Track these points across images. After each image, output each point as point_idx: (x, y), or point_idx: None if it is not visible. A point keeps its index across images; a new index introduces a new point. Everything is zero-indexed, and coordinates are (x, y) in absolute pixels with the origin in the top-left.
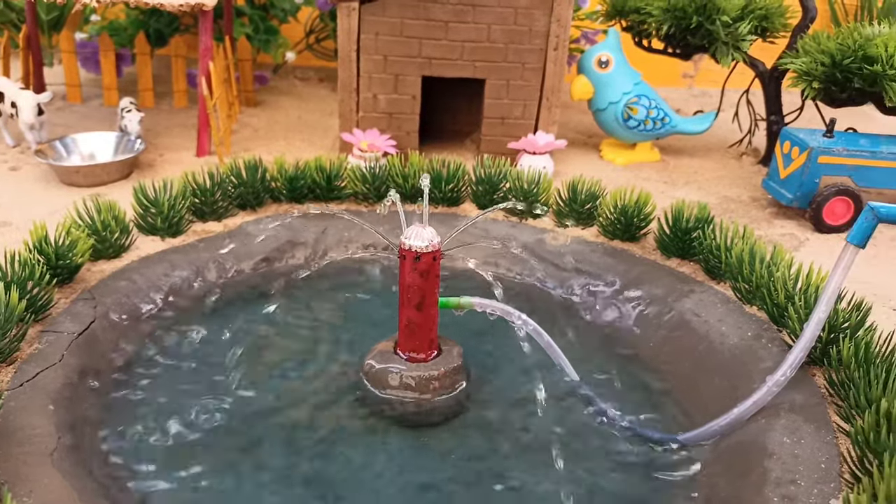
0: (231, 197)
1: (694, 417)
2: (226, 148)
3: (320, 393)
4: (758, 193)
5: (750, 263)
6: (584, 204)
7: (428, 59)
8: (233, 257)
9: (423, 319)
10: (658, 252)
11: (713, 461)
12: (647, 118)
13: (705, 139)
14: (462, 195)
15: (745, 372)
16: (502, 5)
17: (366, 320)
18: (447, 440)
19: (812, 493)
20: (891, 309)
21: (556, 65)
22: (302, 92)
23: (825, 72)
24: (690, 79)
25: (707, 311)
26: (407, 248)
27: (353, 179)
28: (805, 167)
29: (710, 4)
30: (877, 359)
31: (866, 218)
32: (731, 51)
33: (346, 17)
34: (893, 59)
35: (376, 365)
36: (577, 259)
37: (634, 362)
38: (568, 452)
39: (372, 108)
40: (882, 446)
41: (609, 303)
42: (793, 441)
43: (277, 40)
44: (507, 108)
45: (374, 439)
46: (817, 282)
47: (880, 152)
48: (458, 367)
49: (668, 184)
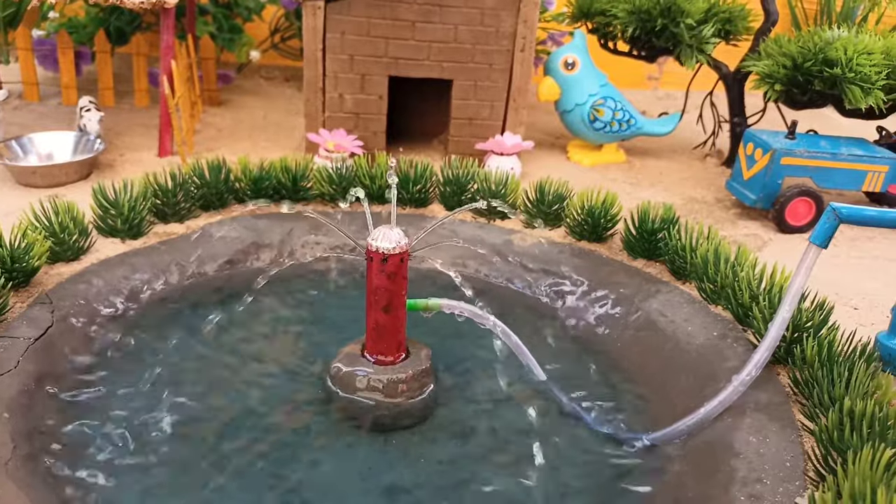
0: (194, 198)
1: (662, 417)
2: (188, 148)
3: (286, 397)
4: (722, 194)
5: (715, 264)
6: (551, 205)
7: (395, 59)
8: (196, 259)
9: (390, 322)
10: (624, 253)
11: (681, 461)
12: (613, 120)
13: (670, 141)
14: (430, 196)
15: (711, 371)
16: (469, 6)
17: (333, 323)
18: (416, 443)
19: (778, 492)
20: (852, 308)
21: (523, 66)
22: (267, 91)
23: (787, 74)
24: (655, 81)
25: (673, 311)
26: (374, 250)
27: (319, 180)
28: (768, 168)
29: (675, 7)
30: (839, 357)
31: (828, 219)
32: (695, 53)
33: (312, 16)
34: (852, 63)
35: (343, 368)
36: (544, 260)
37: (602, 362)
38: (535, 454)
39: (338, 108)
40: (846, 444)
41: (576, 303)
42: (758, 440)
43: (241, 39)
44: (474, 109)
45: (341, 443)
46: (781, 281)
47: (840, 154)
48: (427, 369)
49: (633, 185)
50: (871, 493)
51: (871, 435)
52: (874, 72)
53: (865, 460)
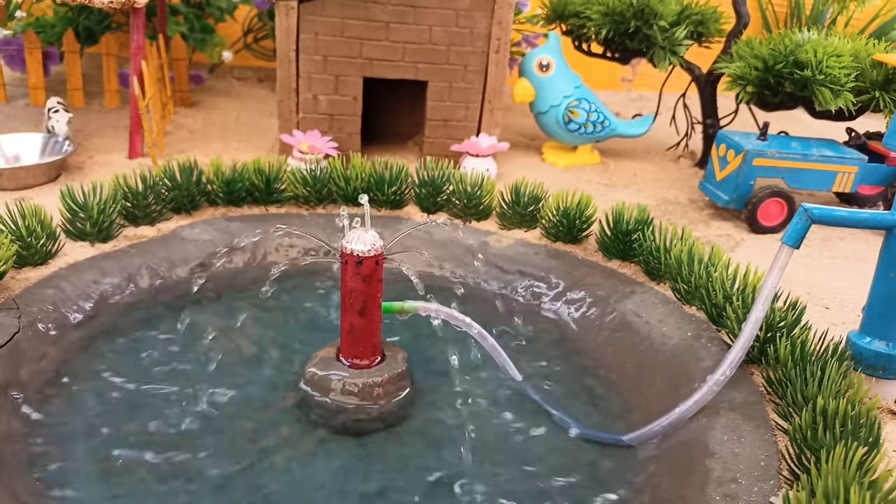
0: (165, 200)
1: (637, 417)
2: (159, 150)
3: (259, 401)
4: (695, 195)
5: (689, 264)
6: (526, 206)
7: (369, 59)
8: (167, 263)
9: (365, 325)
10: (600, 254)
11: (657, 461)
12: (588, 121)
13: (644, 142)
14: (405, 198)
15: (685, 371)
16: (443, 7)
17: (307, 326)
18: (391, 447)
19: (752, 492)
20: (824, 307)
21: (497, 67)
22: (240, 92)
23: (758, 76)
24: (629, 83)
25: (648, 311)
26: (349, 253)
27: (293, 182)
28: (740, 169)
29: (648, 9)
30: (812, 357)
31: (800, 219)
32: (668, 55)
33: (285, 17)
34: (822, 65)
35: (318, 372)
36: (520, 261)
37: (578, 363)
38: (513, 456)
39: (312, 110)
40: (819, 443)
41: (552, 305)
42: (733, 439)
43: (214, 39)
44: (449, 111)
45: (316, 448)
46: (754, 282)
47: (811, 155)
48: (403, 372)
49: (608, 186)
50: (845, 491)
51: (843, 433)
52: (843, 74)
53: (838, 459)
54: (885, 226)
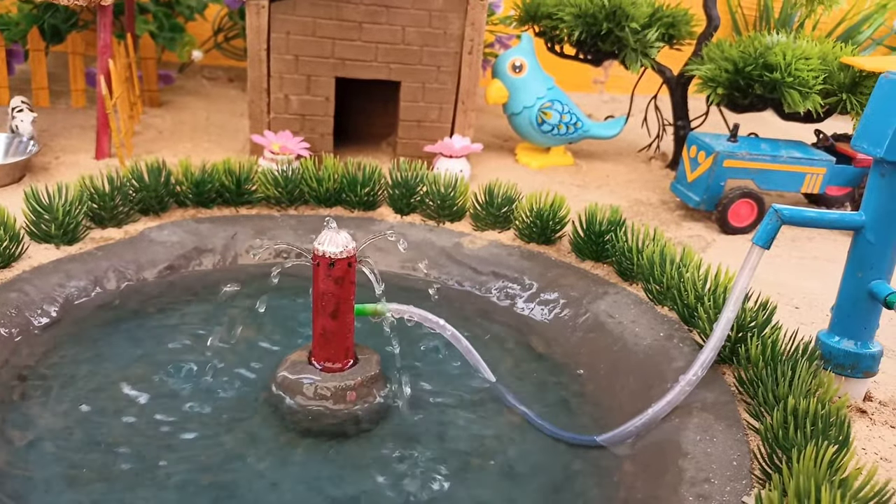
0: (132, 202)
1: (611, 418)
2: (127, 150)
3: (229, 406)
4: (666, 196)
5: (661, 265)
6: (500, 207)
7: (341, 59)
8: (134, 265)
9: (338, 327)
10: (573, 255)
11: (630, 462)
12: (561, 122)
13: (616, 144)
14: (378, 199)
15: (658, 372)
16: (416, 7)
17: (279, 328)
18: (365, 451)
19: (725, 491)
20: (793, 307)
21: (471, 68)
22: (210, 92)
23: (728, 78)
24: (601, 85)
25: (621, 312)
26: (321, 255)
27: (264, 183)
28: (711, 171)
29: (620, 11)
30: (783, 356)
31: (770, 220)
32: (640, 57)
33: (256, 16)
34: (791, 67)
35: (290, 376)
36: (494, 262)
37: (551, 364)
38: (487, 458)
39: (284, 110)
40: (790, 443)
41: (526, 305)
42: (705, 440)
43: (183, 38)
44: (422, 111)
45: (287, 453)
46: (725, 282)
47: (780, 156)
48: (376, 375)
49: (581, 187)
50: (816, 490)
51: (814, 433)
52: (811, 76)
53: (809, 458)
54: (853, 226)
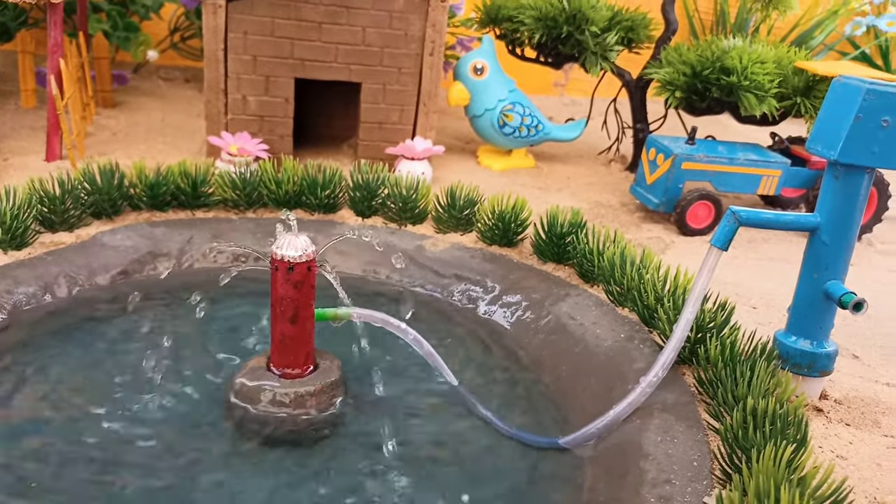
0: (84, 205)
1: (574, 420)
2: (79, 152)
3: (185, 414)
4: (626, 198)
5: (621, 267)
6: (462, 210)
7: (300, 60)
8: (86, 271)
9: (297, 333)
10: (535, 257)
11: (592, 464)
12: (522, 125)
13: (576, 146)
14: (339, 201)
15: (619, 373)
16: (377, 8)
17: (237, 333)
18: (325, 458)
19: (686, 492)
20: (751, 307)
21: (432, 70)
22: (166, 93)
23: (686, 82)
24: (561, 87)
25: (582, 314)
26: (279, 259)
27: (221, 185)
28: (669, 173)
29: (580, 15)
30: (741, 357)
31: (728, 221)
32: (600, 60)
33: (212, 15)
34: (747, 71)
35: (248, 383)
36: (456, 265)
37: (514, 366)
38: (450, 462)
39: (242, 111)
40: (750, 443)
41: (488, 308)
42: (666, 440)
43: (138, 38)
44: (384, 113)
45: (245, 461)
46: (684, 283)
47: (737, 159)
48: (337, 381)
49: (542, 189)
50: (775, 490)
51: (772, 432)
52: (767, 80)
53: (768, 458)
54: (808, 228)
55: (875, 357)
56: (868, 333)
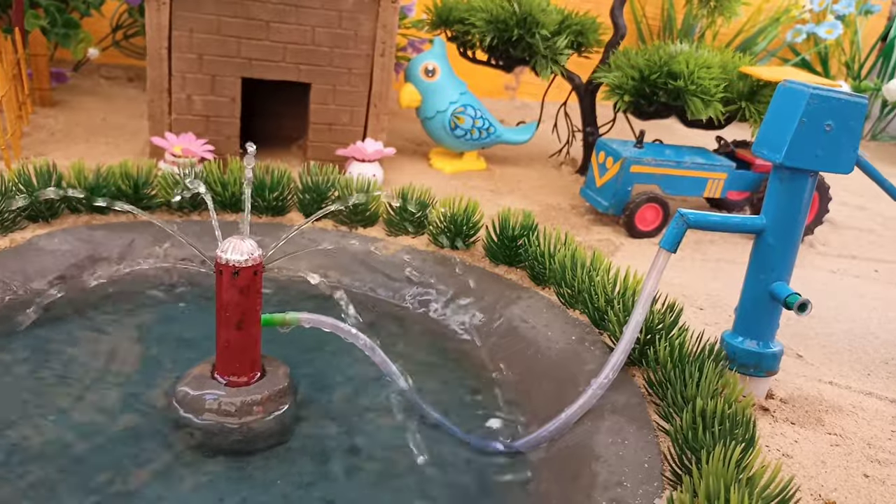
0: (19, 207)
1: (527, 423)
2: (14, 152)
3: (125, 425)
4: (576, 201)
5: (572, 269)
6: (414, 213)
7: (248, 59)
8: (21, 276)
9: (243, 339)
10: (487, 260)
11: (545, 467)
12: (474, 127)
13: (527, 149)
14: (288, 204)
15: (571, 375)
16: (326, 8)
17: (179, 341)
18: (272, 468)
19: (638, 494)
20: (698, 308)
21: (383, 71)
22: (108, 92)
23: (635, 86)
24: (513, 91)
25: (534, 316)
26: (224, 263)
27: (164, 187)
28: (618, 176)
29: (530, 18)
30: (690, 357)
31: (677, 224)
32: (550, 64)
33: (156, 12)
34: (693, 76)
35: (191, 391)
36: (408, 268)
37: (466, 370)
38: (400, 468)
39: (187, 111)
40: (699, 444)
41: (441, 311)
42: (617, 442)
43: (78, 35)
44: (334, 114)
45: (189, 474)
46: (633, 285)
47: (684, 162)
48: (285, 388)
49: (494, 192)
50: (725, 491)
51: (721, 433)
52: (713, 85)
53: (718, 458)
54: (754, 230)
55: (818, 356)
56: (811, 333)
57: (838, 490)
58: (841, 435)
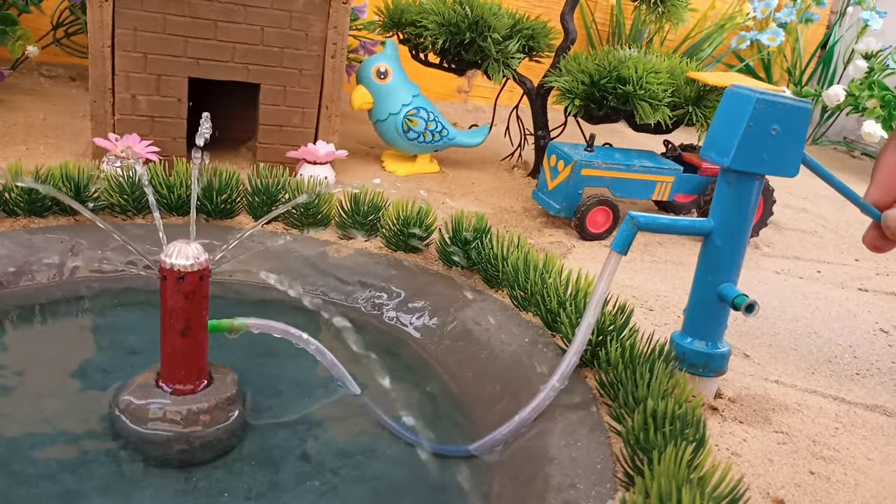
0: None
1: (481, 426)
2: None
3: (64, 437)
4: (529, 204)
5: (525, 271)
6: (366, 215)
7: (195, 59)
8: None
9: (189, 346)
10: (440, 262)
11: (499, 471)
12: (427, 130)
13: (480, 152)
14: (237, 207)
15: (524, 377)
16: (276, 7)
17: (123, 348)
18: (220, 479)
19: (591, 496)
20: (648, 310)
21: (334, 72)
22: (49, 91)
23: (585, 90)
24: (465, 94)
25: (487, 319)
26: (168, 268)
27: (107, 190)
28: (570, 179)
29: (482, 22)
30: (640, 358)
31: (627, 226)
32: (502, 68)
33: (98, 9)
34: (642, 81)
35: (135, 401)
36: (360, 272)
37: (420, 373)
38: (354, 476)
39: (131, 111)
40: (651, 444)
41: (394, 314)
42: (570, 444)
43: (17, 32)
44: (284, 116)
45: (132, 487)
46: (585, 287)
47: (633, 165)
48: (233, 396)
49: (447, 195)
50: (677, 492)
51: (672, 433)
52: (661, 90)
53: (669, 459)
54: (703, 232)
55: (764, 356)
56: (757, 333)
57: (785, 487)
58: (787, 433)
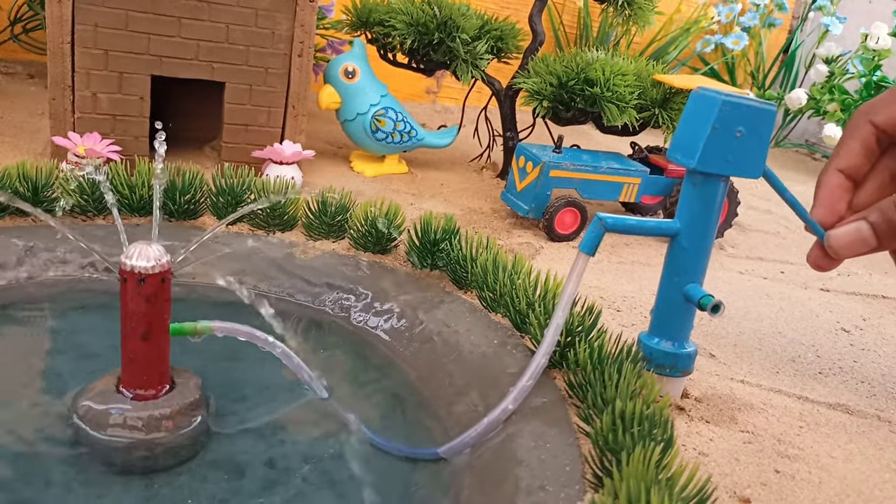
0: None
1: (450, 428)
2: None
3: (21, 444)
4: (497, 205)
5: (494, 273)
6: (334, 216)
7: (158, 56)
8: None
9: (150, 350)
10: (409, 264)
11: (469, 473)
12: (395, 130)
13: (449, 153)
14: (200, 207)
15: (493, 379)
16: (241, 5)
17: (82, 352)
18: (182, 485)
19: (560, 498)
20: (615, 310)
21: (301, 71)
22: (6, 89)
23: (553, 92)
24: (434, 95)
25: (456, 321)
26: (129, 270)
27: (66, 190)
28: (538, 180)
29: (451, 22)
30: (608, 359)
31: (595, 227)
32: (471, 69)
33: (57, 5)
34: (609, 83)
35: (95, 406)
36: (328, 273)
37: (388, 375)
38: (321, 481)
39: (91, 109)
40: (619, 445)
41: (361, 316)
42: (539, 446)
43: None
44: (250, 115)
45: (92, 494)
46: (554, 288)
47: (601, 167)
48: (196, 400)
49: (415, 196)
50: (646, 493)
51: (640, 433)
52: (628, 92)
53: (637, 460)
54: (669, 233)
55: (730, 355)
56: (722, 332)
57: (752, 486)
58: (753, 432)
